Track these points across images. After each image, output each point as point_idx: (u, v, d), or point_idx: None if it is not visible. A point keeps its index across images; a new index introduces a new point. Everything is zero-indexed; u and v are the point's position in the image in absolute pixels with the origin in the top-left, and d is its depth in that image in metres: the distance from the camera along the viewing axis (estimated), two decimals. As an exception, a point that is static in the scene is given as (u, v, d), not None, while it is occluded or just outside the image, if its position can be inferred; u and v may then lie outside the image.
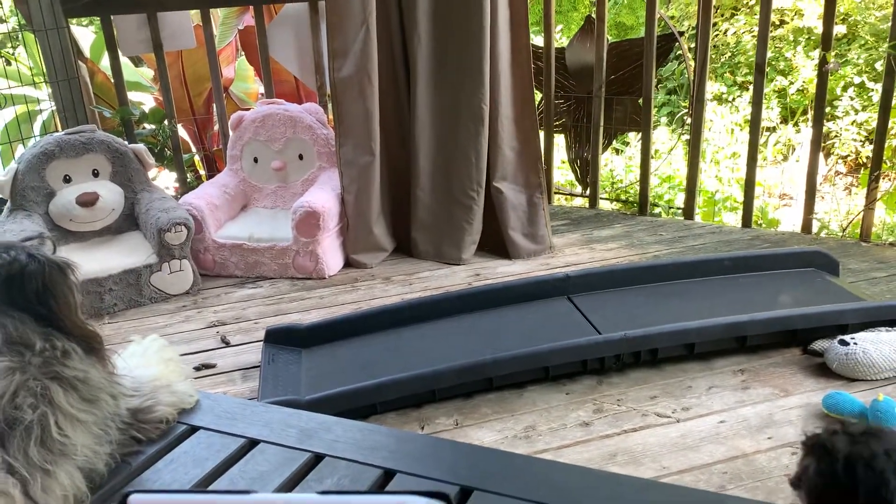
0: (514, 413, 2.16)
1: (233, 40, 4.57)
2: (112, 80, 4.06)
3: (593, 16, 3.69)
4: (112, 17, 3.40)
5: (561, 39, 7.23)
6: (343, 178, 3.22)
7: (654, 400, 2.19)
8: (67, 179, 3.04)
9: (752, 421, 2.06)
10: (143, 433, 1.12)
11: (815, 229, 3.47)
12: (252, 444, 1.10)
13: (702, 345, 2.36)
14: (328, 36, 3.07)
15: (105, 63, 4.47)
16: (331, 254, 3.21)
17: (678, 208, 4.10)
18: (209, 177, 4.36)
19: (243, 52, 4.82)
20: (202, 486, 1.02)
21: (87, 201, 3.00)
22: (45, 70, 3.31)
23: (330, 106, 3.69)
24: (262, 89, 4.98)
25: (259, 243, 3.18)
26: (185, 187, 3.76)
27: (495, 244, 3.34)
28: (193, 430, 1.15)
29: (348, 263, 3.31)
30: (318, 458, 1.05)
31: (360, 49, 3.03)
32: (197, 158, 4.57)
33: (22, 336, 1.01)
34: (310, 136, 3.38)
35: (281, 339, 2.52)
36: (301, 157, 3.42)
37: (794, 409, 2.12)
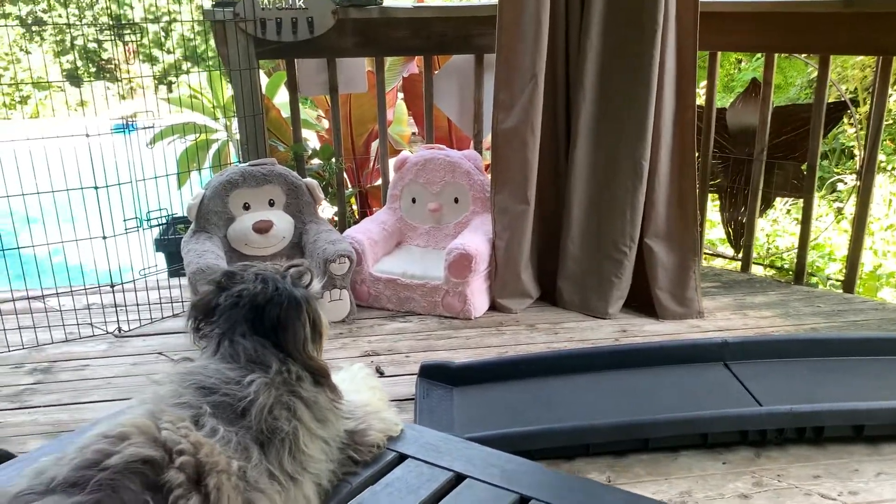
0: (669, 477, 2.13)
1: (395, 86, 4.81)
2: (283, 117, 4.38)
3: (759, 78, 3.65)
4: (295, 61, 3.68)
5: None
6: (496, 224, 3.31)
7: (817, 479, 2.11)
8: (246, 207, 3.30)
9: (930, 516, 1.95)
10: (358, 454, 1.21)
11: None
12: (459, 478, 1.17)
13: (871, 427, 2.25)
14: (495, 87, 3.19)
15: (277, 100, 4.82)
16: (478, 296, 3.30)
17: (837, 280, 3.92)
18: (361, 213, 4.59)
19: (401, 98, 5.07)
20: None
21: (263, 228, 3.24)
22: (232, 105, 3.62)
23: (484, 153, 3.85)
24: (415, 131, 5.22)
25: (412, 280, 3.31)
26: (344, 222, 3.97)
27: (642, 301, 3.32)
28: (402, 458, 1.23)
29: (493, 307, 3.38)
30: (523, 501, 1.10)
31: (527, 102, 3.14)
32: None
33: (261, 357, 1.12)
34: (467, 181, 3.51)
35: (434, 374, 2.61)
36: (456, 200, 3.55)
37: (977, 508, 1.98)
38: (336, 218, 4.12)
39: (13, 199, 2.93)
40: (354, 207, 4.87)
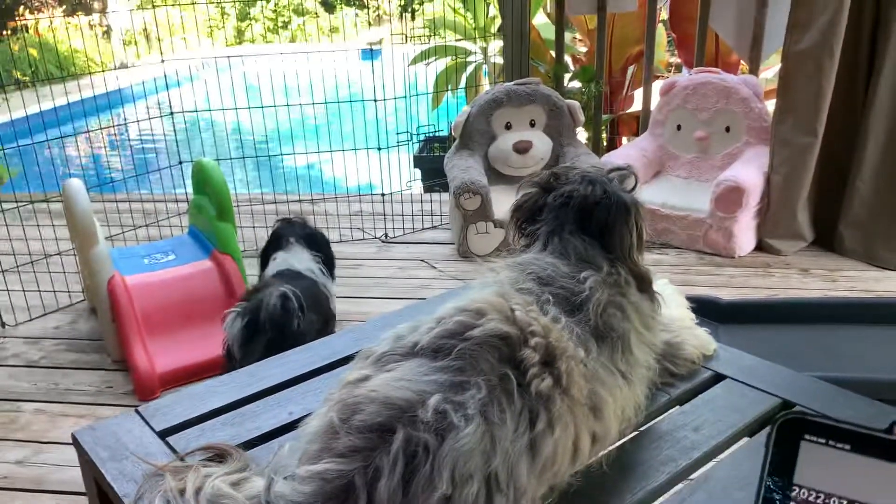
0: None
1: (660, 7, 4.55)
2: (541, 38, 4.32)
3: None
4: (565, -22, 3.59)
5: None
6: (774, 156, 3.05)
7: None
8: (508, 126, 3.32)
9: None
10: (675, 366, 1.18)
11: None
12: (786, 406, 1.09)
13: None
14: (792, 4, 2.88)
15: (535, 22, 4.77)
16: (745, 233, 3.09)
17: None
18: (610, 140, 4.46)
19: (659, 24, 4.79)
20: (743, 434, 1.03)
21: (523, 148, 3.25)
22: (500, 23, 3.62)
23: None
24: (671, 60, 4.93)
25: (672, 211, 3.17)
26: (598, 147, 3.88)
27: (941, 255, 2.91)
28: (719, 377, 1.18)
29: (760, 247, 3.15)
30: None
31: (828, 21, 2.80)
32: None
33: (591, 257, 1.09)
34: (742, 108, 3.25)
35: (699, 309, 2.46)
36: (728, 129, 3.31)
37: None
38: (588, 144, 4.03)
39: (286, 113, 3.20)
40: (603, 135, 4.74)
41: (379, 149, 3.23)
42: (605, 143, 4.51)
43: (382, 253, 3.22)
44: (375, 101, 3.14)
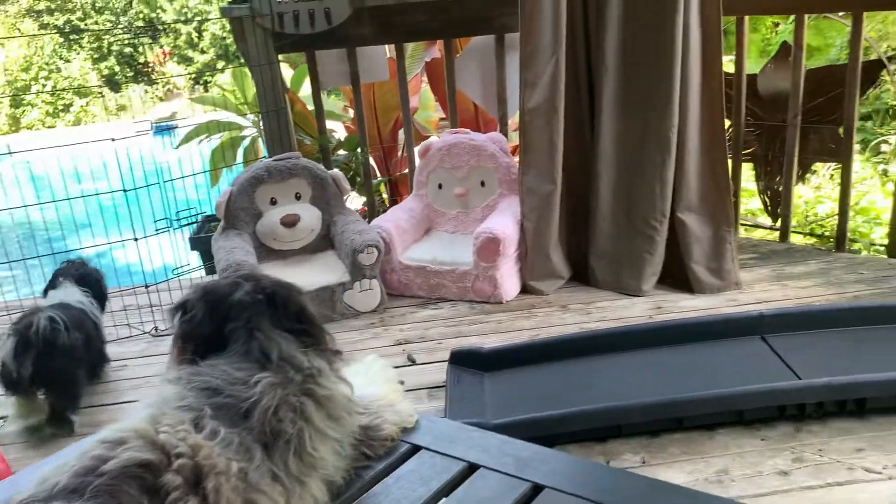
0: (705, 455, 2.08)
1: (419, 72, 4.78)
2: (309, 110, 4.38)
3: (790, 41, 3.52)
4: (316, 52, 3.67)
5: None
6: (524, 205, 3.27)
7: (860, 453, 2.04)
8: (273, 202, 3.32)
9: (982, 487, 1.87)
10: (371, 449, 1.20)
11: None
12: (472, 468, 1.15)
13: (917, 398, 2.16)
14: (521, 67, 3.14)
15: (303, 93, 4.83)
16: (509, 279, 3.27)
17: (880, 245, 3.79)
18: (392, 201, 4.58)
19: (425, 83, 5.04)
20: (430, 504, 1.07)
21: (290, 222, 3.26)
22: (257, 101, 3.63)
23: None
24: (442, 116, 5.18)
25: (442, 266, 3.30)
26: (373, 211, 3.97)
27: (677, 277, 3.24)
28: (416, 449, 1.22)
29: (525, 289, 3.35)
30: (536, 489, 1.08)
31: (549, 80, 3.08)
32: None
33: (289, 356, 1.11)
34: (492, 164, 3.47)
35: (464, 361, 2.59)
36: (483, 184, 3.52)
37: None
38: (366, 208, 4.12)
39: (52, 207, 3.02)
40: (385, 196, 4.87)
41: (136, 239, 3.09)
42: (388, 204, 4.64)
43: (152, 349, 3.06)
44: (125, 190, 3.02)
